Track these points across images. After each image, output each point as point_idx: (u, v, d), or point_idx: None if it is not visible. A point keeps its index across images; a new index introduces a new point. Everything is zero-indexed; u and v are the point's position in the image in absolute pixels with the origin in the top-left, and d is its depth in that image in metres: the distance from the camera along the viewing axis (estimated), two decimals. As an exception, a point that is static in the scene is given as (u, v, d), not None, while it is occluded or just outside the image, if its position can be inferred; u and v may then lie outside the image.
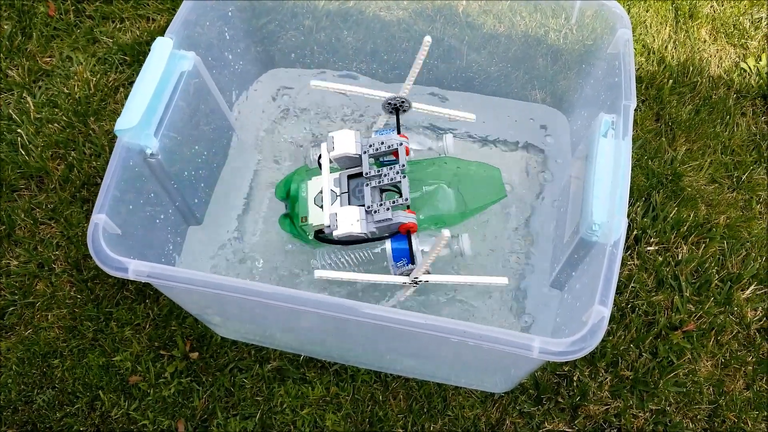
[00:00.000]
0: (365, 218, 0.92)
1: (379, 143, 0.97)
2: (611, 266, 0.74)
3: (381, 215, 0.91)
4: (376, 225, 0.92)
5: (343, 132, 0.97)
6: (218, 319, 1.00)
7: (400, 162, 0.95)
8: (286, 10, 1.12)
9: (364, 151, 0.96)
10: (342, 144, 0.96)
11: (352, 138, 0.96)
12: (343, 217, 0.92)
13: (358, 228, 0.91)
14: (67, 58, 1.34)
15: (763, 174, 1.19)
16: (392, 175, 0.94)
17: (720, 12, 1.41)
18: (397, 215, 0.92)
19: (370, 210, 0.92)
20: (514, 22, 1.07)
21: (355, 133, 0.97)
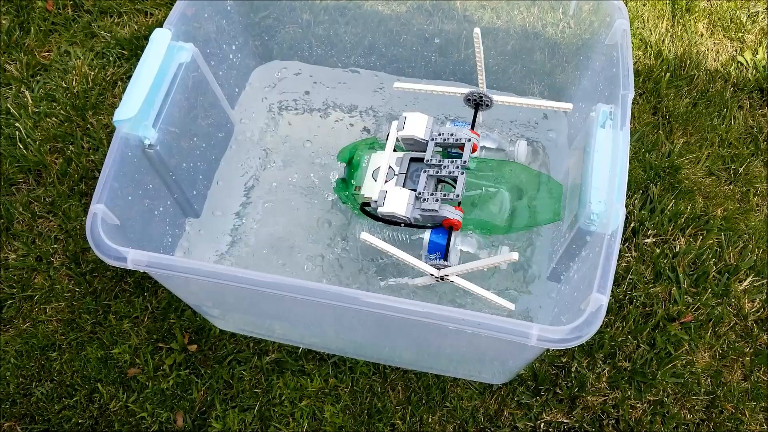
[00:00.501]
0: (413, 203, 0.92)
1: (448, 134, 0.96)
2: (609, 255, 0.74)
3: (428, 204, 0.91)
4: (421, 213, 0.92)
5: (417, 114, 0.97)
6: (217, 311, 1.00)
7: (463, 157, 0.94)
8: (284, 5, 1.12)
9: (431, 138, 0.96)
10: (412, 126, 0.96)
11: (423, 122, 0.96)
12: (392, 197, 0.92)
13: (402, 210, 0.91)
14: (65, 52, 1.34)
15: (760, 166, 1.20)
16: (451, 168, 0.93)
17: (717, 6, 1.41)
18: (444, 209, 0.91)
19: (420, 197, 0.92)
20: (511, 16, 1.07)
21: (428, 118, 0.97)
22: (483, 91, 0.99)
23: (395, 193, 0.92)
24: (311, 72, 1.21)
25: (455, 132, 0.96)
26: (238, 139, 1.13)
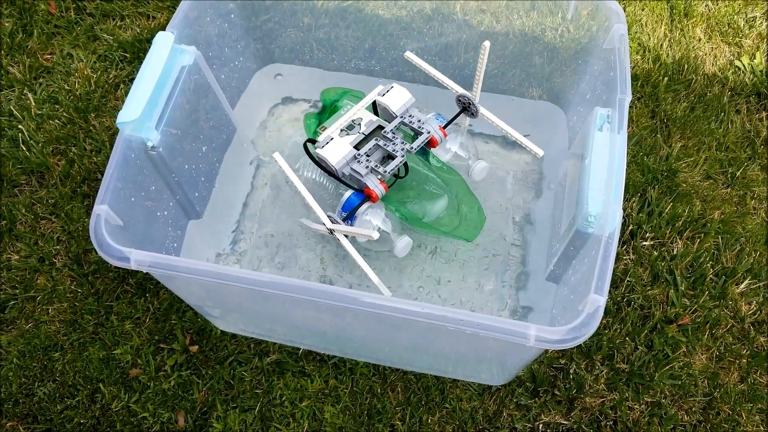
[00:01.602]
0: (348, 159, 0.97)
1: (416, 119, 1.00)
2: (606, 256, 0.75)
3: (358, 167, 0.97)
4: (349, 171, 0.97)
5: (401, 90, 1.03)
6: (218, 312, 1.01)
7: (414, 144, 0.98)
8: (285, 8, 1.13)
9: (401, 116, 1.01)
10: (391, 97, 1.02)
11: (402, 100, 1.02)
12: (333, 145, 0.98)
13: (333, 160, 0.97)
14: (68, 55, 1.35)
15: (757, 170, 1.21)
16: (398, 148, 0.98)
17: (715, 11, 1.42)
18: (368, 178, 0.96)
19: (358, 157, 0.97)
20: (511, 20, 1.08)
21: (410, 98, 1.02)
22: (473, 100, 1.01)
23: (338, 143, 0.98)
24: (312, 75, 1.22)
25: (423, 121, 1.01)
26: (240, 140, 1.13)
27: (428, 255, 1.09)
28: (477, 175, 1.07)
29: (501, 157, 1.20)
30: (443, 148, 1.07)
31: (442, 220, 1.02)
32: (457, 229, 1.03)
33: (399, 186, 1.03)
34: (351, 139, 1.00)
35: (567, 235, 0.89)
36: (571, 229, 0.87)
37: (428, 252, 1.09)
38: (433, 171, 1.04)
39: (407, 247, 1.01)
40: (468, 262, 1.08)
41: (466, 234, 1.03)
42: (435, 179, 1.04)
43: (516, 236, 1.11)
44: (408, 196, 1.03)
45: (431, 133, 1.00)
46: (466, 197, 1.04)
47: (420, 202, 1.02)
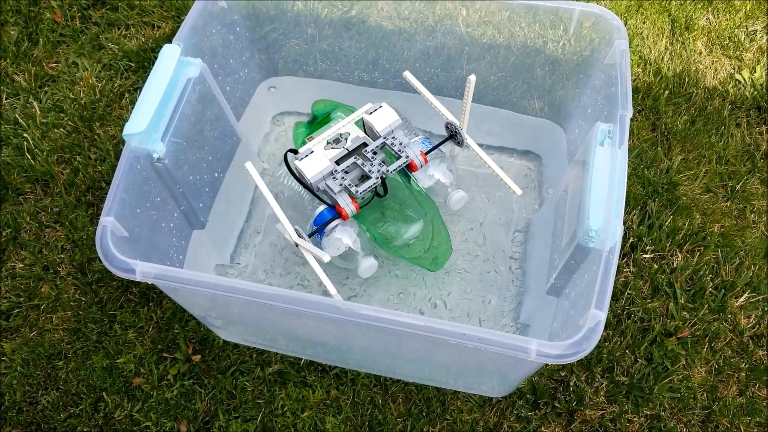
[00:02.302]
0: (324, 174, 0.98)
1: (398, 142, 1.00)
2: (607, 271, 0.76)
3: (332, 184, 0.98)
4: (324, 186, 0.98)
5: (389, 111, 1.03)
6: (221, 322, 1.02)
7: (391, 167, 0.99)
8: (290, 18, 1.14)
9: (384, 136, 1.01)
10: (378, 117, 1.02)
11: (388, 120, 1.02)
12: (312, 158, 0.99)
13: (309, 174, 0.97)
14: (73, 63, 1.36)
15: (757, 184, 1.21)
16: (374, 169, 0.99)
17: (715, 24, 1.43)
18: (340, 196, 0.98)
19: (335, 174, 0.98)
20: (513, 32, 1.08)
21: (396, 120, 1.02)
22: (460, 130, 1.02)
23: (317, 156, 0.99)
24: (315, 86, 1.23)
25: (405, 145, 1.01)
26: (244, 151, 1.14)
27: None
28: (455, 204, 1.08)
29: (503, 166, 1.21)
30: (426, 174, 1.08)
31: (412, 246, 1.03)
32: (423, 257, 1.03)
33: (376, 205, 1.04)
34: (333, 153, 1.01)
35: (568, 249, 0.89)
36: (572, 243, 0.87)
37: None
38: (413, 195, 1.05)
39: (371, 269, 1.01)
40: (470, 273, 1.09)
41: (430, 264, 1.04)
42: (414, 203, 1.05)
43: (516, 248, 1.12)
44: (384, 216, 1.04)
45: (409, 158, 1.00)
46: (438, 228, 1.05)
47: (395, 223, 1.03)
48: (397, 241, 1.03)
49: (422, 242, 1.03)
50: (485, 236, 1.13)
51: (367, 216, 1.04)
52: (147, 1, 1.44)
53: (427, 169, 1.08)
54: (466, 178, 1.19)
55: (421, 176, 1.08)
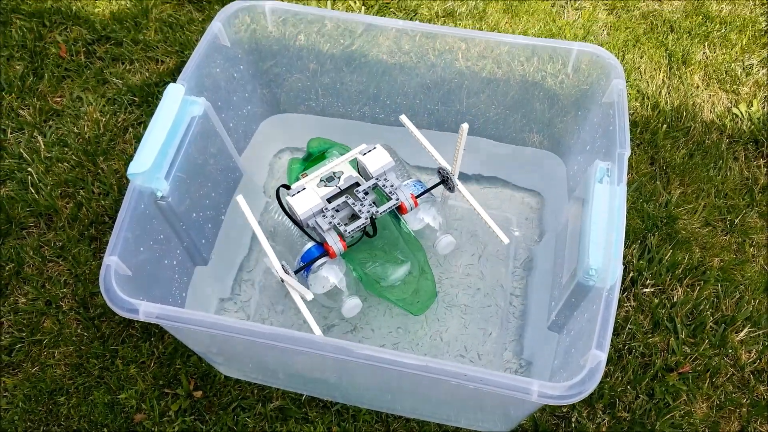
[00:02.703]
0: (314, 211, 0.98)
1: (390, 184, 1.01)
2: (607, 311, 0.76)
3: (321, 221, 0.98)
4: (313, 223, 0.99)
5: (383, 153, 1.04)
6: (222, 359, 1.02)
7: (380, 208, 1.00)
8: (292, 53, 1.16)
9: (376, 177, 1.02)
10: (371, 158, 1.03)
11: (381, 162, 1.03)
12: (303, 195, 0.99)
13: (299, 210, 0.98)
14: (78, 98, 1.37)
15: (756, 217, 1.22)
16: (363, 209, 1.00)
17: (712, 58, 1.45)
18: (329, 234, 0.98)
19: (325, 212, 0.99)
20: (512, 66, 1.10)
21: (389, 162, 1.03)
22: (452, 176, 1.04)
23: (308, 193, 0.99)
24: (317, 122, 1.24)
25: (396, 187, 1.02)
26: (246, 186, 1.15)
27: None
28: (442, 248, 1.08)
29: (503, 201, 1.22)
30: (415, 217, 1.08)
31: (398, 288, 1.04)
32: (407, 300, 1.04)
33: (365, 246, 1.05)
34: (326, 191, 1.02)
35: (568, 286, 0.90)
36: (572, 281, 0.88)
37: (431, 298, 1.10)
38: (402, 237, 1.06)
39: (355, 309, 1.01)
40: (470, 308, 1.10)
41: (414, 308, 1.04)
42: (402, 246, 1.06)
43: (517, 283, 1.13)
44: (372, 256, 1.04)
45: (399, 200, 1.01)
46: (425, 271, 1.06)
47: (383, 264, 1.04)
48: (384, 282, 1.03)
49: (408, 285, 1.04)
50: (485, 271, 1.14)
51: (356, 255, 1.05)
52: (151, 37, 1.46)
53: (417, 213, 1.08)
54: (466, 213, 1.20)
55: (411, 219, 1.09)
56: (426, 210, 1.08)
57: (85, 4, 1.53)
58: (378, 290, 1.03)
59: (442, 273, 1.14)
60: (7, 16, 1.49)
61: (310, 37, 1.12)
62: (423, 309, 1.05)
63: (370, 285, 1.04)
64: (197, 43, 0.96)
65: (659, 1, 1.59)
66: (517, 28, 1.51)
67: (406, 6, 1.56)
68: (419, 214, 1.08)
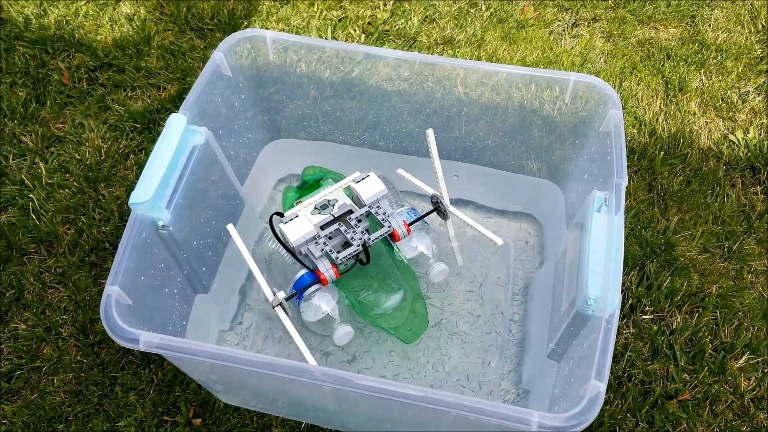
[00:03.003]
0: (307, 239, 0.99)
1: (383, 212, 1.02)
2: (606, 341, 0.76)
3: (313, 249, 0.99)
4: (306, 251, 0.99)
5: (376, 181, 1.04)
6: (221, 386, 1.02)
7: (372, 236, 1.00)
8: (293, 80, 1.17)
9: (369, 205, 1.02)
10: (364, 187, 1.04)
11: (374, 190, 1.04)
12: (296, 222, 1.00)
13: (292, 237, 0.98)
14: (80, 124, 1.38)
15: (754, 244, 1.23)
16: (355, 236, 1.00)
17: (708, 86, 1.46)
18: (321, 261, 0.99)
19: (317, 239, 0.99)
20: (510, 93, 1.11)
21: (383, 190, 1.04)
22: (442, 200, 1.05)
23: (301, 221, 1.00)
24: (317, 148, 1.25)
25: (389, 215, 1.03)
26: (247, 214, 1.16)
27: (433, 328, 1.10)
28: (435, 276, 1.08)
29: (502, 227, 1.23)
30: (409, 245, 1.09)
31: (390, 316, 1.04)
32: (400, 329, 1.04)
33: (358, 273, 1.05)
34: (319, 219, 1.02)
35: (567, 314, 0.90)
36: (571, 310, 0.88)
37: (432, 325, 1.11)
38: (396, 265, 1.07)
39: (347, 337, 1.01)
40: (470, 336, 1.10)
41: (406, 336, 1.04)
42: (396, 273, 1.06)
43: (516, 309, 1.13)
44: (366, 284, 1.05)
45: (391, 228, 1.02)
46: (417, 300, 1.06)
47: (376, 292, 1.04)
48: (376, 310, 1.03)
49: (401, 313, 1.04)
50: (485, 297, 1.14)
51: (349, 283, 1.05)
52: (153, 64, 1.47)
53: (410, 240, 1.09)
54: (466, 240, 1.21)
55: (404, 247, 1.09)
56: (420, 238, 1.09)
57: (87, 32, 1.54)
58: (371, 318, 1.04)
59: (443, 299, 1.14)
60: (11, 42, 1.51)
61: (311, 64, 1.13)
62: (415, 337, 1.05)
63: (363, 313, 1.04)
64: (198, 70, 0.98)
65: (655, 29, 1.61)
66: (515, 56, 1.53)
67: (405, 33, 1.58)
68: (413, 242, 1.09)
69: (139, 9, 1.59)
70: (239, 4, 1.61)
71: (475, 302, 1.14)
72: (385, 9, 1.63)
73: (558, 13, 1.64)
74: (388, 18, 1.61)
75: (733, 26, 1.60)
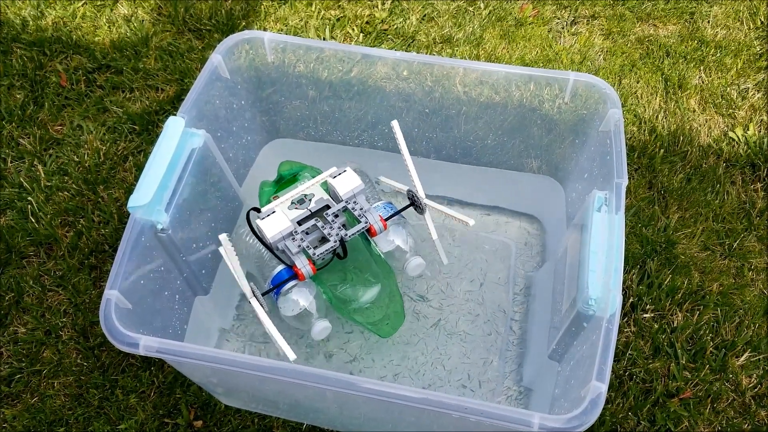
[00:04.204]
0: (284, 234, 0.98)
1: (359, 207, 1.02)
2: (607, 342, 0.76)
3: (290, 245, 0.98)
4: (283, 246, 0.99)
5: (352, 175, 1.04)
6: (222, 388, 1.02)
7: (348, 231, 1.00)
8: (291, 80, 1.16)
9: (346, 201, 1.02)
10: (341, 181, 1.03)
11: (351, 185, 1.03)
12: (273, 218, 0.99)
13: (269, 233, 0.98)
14: (78, 126, 1.38)
15: (754, 241, 1.23)
16: (332, 232, 1.00)
17: (708, 83, 1.46)
18: (298, 257, 0.98)
19: (294, 235, 0.99)
20: (509, 92, 1.10)
21: (359, 185, 1.03)
22: (418, 194, 1.05)
23: (278, 216, 0.99)
24: (316, 149, 1.25)
25: (366, 210, 1.03)
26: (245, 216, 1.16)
27: (431, 328, 1.10)
28: (412, 270, 1.08)
29: (502, 226, 1.23)
30: (386, 239, 1.08)
31: (367, 310, 1.04)
32: (377, 323, 1.04)
33: (336, 268, 1.05)
34: (296, 214, 1.02)
35: (568, 315, 0.90)
36: (572, 310, 0.88)
37: (431, 325, 1.10)
38: (373, 259, 1.07)
39: (324, 332, 1.01)
40: (470, 336, 1.10)
41: (383, 331, 1.04)
42: (374, 268, 1.06)
43: (517, 309, 1.13)
44: (343, 278, 1.05)
45: (368, 223, 1.02)
46: (394, 294, 1.06)
47: (353, 286, 1.04)
48: (354, 305, 1.03)
49: (378, 308, 1.04)
50: (485, 296, 1.14)
51: (326, 277, 1.05)
52: (151, 65, 1.47)
53: (387, 234, 1.08)
54: (466, 238, 1.20)
55: (382, 241, 1.08)
56: (396, 232, 1.09)
57: (85, 33, 1.54)
58: (347, 312, 1.04)
59: (443, 300, 1.14)
60: (8, 45, 1.51)
61: (309, 64, 1.13)
62: (392, 332, 1.05)
63: (340, 308, 1.04)
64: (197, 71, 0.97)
65: (654, 26, 1.60)
66: (514, 54, 1.52)
67: (403, 32, 1.58)
68: (389, 235, 1.08)
69: (136, 10, 1.59)
70: (237, 4, 1.61)
71: (475, 302, 1.14)
72: (383, 8, 1.62)
73: (557, 11, 1.63)
74: (386, 17, 1.60)
75: (732, 23, 1.59)
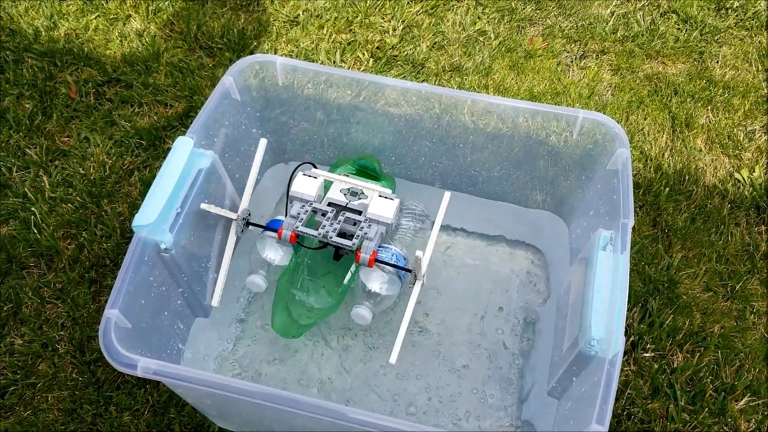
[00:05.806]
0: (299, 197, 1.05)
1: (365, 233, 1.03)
2: (608, 385, 0.76)
3: (294, 208, 1.05)
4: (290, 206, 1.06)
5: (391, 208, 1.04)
6: (215, 411, 1.01)
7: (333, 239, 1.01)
8: (299, 102, 1.17)
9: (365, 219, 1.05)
10: (377, 204, 1.05)
11: (381, 212, 1.04)
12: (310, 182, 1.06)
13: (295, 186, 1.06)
14: (85, 139, 1.38)
15: (757, 284, 1.22)
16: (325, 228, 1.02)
17: (715, 123, 1.46)
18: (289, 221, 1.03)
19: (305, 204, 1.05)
20: (516, 122, 1.10)
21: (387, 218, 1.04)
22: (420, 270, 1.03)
23: (314, 183, 1.06)
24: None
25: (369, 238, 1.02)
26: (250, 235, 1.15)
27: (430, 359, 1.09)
28: (354, 315, 1.04)
29: (504, 259, 1.22)
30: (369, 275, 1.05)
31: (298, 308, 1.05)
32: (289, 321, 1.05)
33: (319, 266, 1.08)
34: (336, 196, 1.07)
35: (570, 353, 0.90)
36: (574, 349, 0.88)
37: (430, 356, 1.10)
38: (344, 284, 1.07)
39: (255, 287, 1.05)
40: (471, 370, 1.09)
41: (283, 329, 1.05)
42: (337, 290, 1.07)
43: (518, 344, 1.12)
44: (312, 273, 1.08)
45: (354, 247, 1.01)
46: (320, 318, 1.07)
47: (314, 285, 1.07)
48: (298, 296, 1.05)
49: (309, 314, 1.05)
50: (487, 330, 1.13)
51: (303, 261, 1.08)
52: (161, 81, 1.47)
53: (372, 271, 1.05)
54: (470, 270, 1.20)
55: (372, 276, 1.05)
56: (379, 277, 1.05)
57: (97, 46, 1.55)
58: (284, 297, 1.05)
59: (443, 333, 1.13)
60: (20, 54, 1.51)
61: (318, 87, 1.14)
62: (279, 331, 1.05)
63: (284, 290, 1.05)
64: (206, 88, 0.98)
65: (663, 64, 1.61)
66: (523, 85, 1.53)
67: (413, 59, 1.59)
68: (373, 274, 1.05)
69: (149, 25, 1.60)
70: (249, 24, 1.62)
71: (476, 335, 1.13)
72: (394, 34, 1.63)
73: (566, 45, 1.64)
74: (396, 43, 1.61)
75: (741, 63, 1.60)
